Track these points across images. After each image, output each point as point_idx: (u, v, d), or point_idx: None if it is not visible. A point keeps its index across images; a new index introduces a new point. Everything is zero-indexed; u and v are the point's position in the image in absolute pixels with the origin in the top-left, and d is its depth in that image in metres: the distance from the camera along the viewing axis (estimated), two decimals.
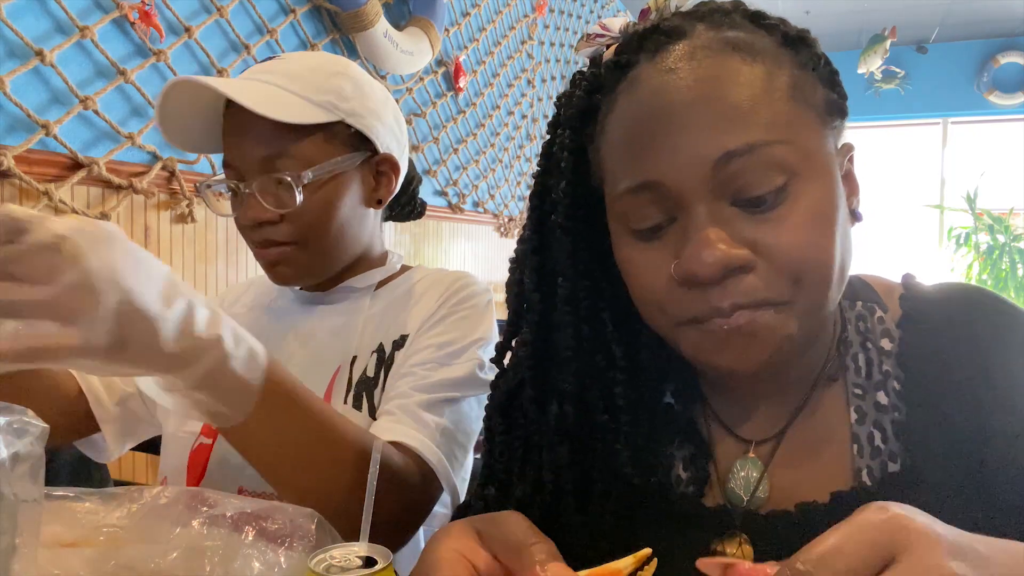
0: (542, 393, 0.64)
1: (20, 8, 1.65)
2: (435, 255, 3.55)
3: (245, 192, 0.88)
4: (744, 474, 0.61)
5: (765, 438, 0.62)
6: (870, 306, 0.64)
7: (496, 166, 3.99)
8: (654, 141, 0.53)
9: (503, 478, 0.66)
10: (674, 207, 0.53)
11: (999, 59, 6.33)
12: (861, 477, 0.57)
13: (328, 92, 0.89)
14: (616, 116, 0.57)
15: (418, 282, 1.00)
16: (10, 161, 1.61)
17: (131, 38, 1.92)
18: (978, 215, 5.78)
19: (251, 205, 0.87)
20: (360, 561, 0.48)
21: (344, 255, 0.94)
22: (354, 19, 2.59)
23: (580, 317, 0.61)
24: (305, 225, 0.88)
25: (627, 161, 0.55)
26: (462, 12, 3.53)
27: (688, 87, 0.52)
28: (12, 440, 0.46)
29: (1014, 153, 6.55)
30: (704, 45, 0.54)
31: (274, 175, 0.86)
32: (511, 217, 4.25)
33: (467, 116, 3.62)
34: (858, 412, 0.60)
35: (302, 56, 0.94)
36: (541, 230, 0.63)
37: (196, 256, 2.14)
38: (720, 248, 0.50)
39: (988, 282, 5.66)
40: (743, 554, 0.58)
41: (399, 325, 0.94)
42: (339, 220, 0.91)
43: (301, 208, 0.86)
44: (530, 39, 4.27)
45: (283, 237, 0.88)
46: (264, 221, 0.88)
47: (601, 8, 5.35)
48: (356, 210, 0.93)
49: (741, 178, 0.51)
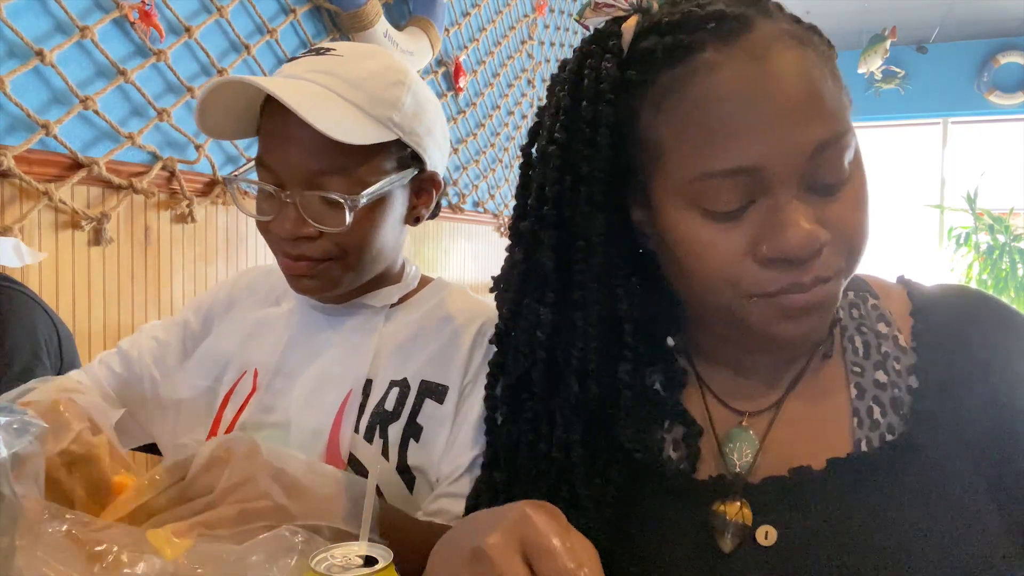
0: (555, 372, 0.64)
1: (20, 8, 1.65)
2: (435, 255, 3.55)
3: (286, 201, 0.81)
4: (739, 442, 0.64)
5: (759, 409, 0.65)
6: (862, 295, 0.69)
7: (496, 166, 3.99)
8: (754, 128, 0.54)
9: (509, 459, 0.67)
10: (759, 191, 0.55)
11: (999, 59, 6.33)
12: (860, 447, 0.61)
13: (388, 106, 0.83)
14: (690, 97, 0.56)
15: (443, 308, 0.94)
16: (10, 161, 1.61)
17: (131, 38, 1.92)
18: (978, 215, 5.78)
19: (291, 217, 0.81)
20: (361, 560, 0.48)
21: (374, 272, 0.90)
22: (354, 19, 2.59)
23: (612, 295, 0.62)
24: (346, 244, 0.83)
25: (714, 145, 0.55)
26: (462, 12, 3.52)
27: (784, 77, 0.55)
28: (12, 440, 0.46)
29: (1014, 153, 6.55)
30: (775, 37, 0.56)
31: (324, 193, 0.80)
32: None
33: (467, 116, 3.62)
34: (858, 388, 0.63)
35: (361, 53, 0.87)
36: (561, 204, 0.62)
37: (196, 256, 2.15)
38: (810, 228, 0.54)
39: (988, 282, 5.65)
40: (743, 517, 0.60)
41: (433, 368, 0.88)
42: (380, 240, 0.86)
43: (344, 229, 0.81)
44: (530, 39, 4.27)
45: (319, 254, 0.83)
46: (302, 236, 0.82)
47: None
48: (396, 228, 0.89)
49: (827, 164, 0.55)
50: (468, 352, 0.89)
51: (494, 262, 4.15)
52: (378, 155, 0.83)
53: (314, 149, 0.79)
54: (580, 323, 0.62)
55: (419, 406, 0.86)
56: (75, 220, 1.79)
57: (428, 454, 0.85)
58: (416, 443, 0.85)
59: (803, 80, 0.55)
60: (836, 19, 5.99)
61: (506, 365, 0.67)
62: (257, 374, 0.92)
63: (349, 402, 0.86)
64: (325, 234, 0.82)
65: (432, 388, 0.87)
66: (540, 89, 4.46)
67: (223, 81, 0.78)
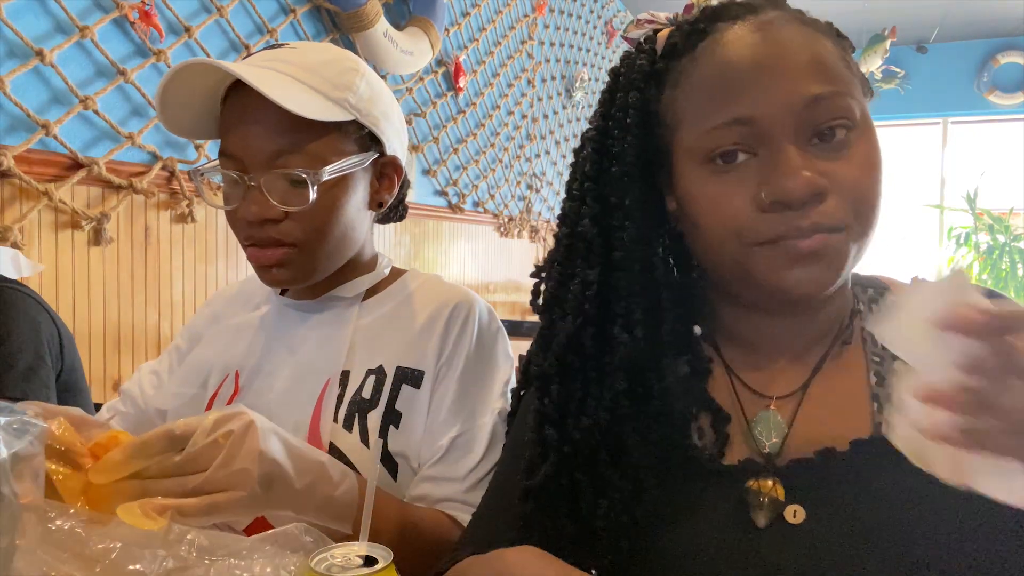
0: (603, 329, 0.69)
1: (20, 8, 1.65)
2: (435, 255, 3.55)
3: (250, 185, 0.83)
4: (767, 426, 0.67)
5: (786, 394, 0.68)
6: (881, 291, 0.73)
7: (496, 166, 3.99)
8: (750, 83, 0.61)
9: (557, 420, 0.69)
10: (759, 142, 0.61)
11: (999, 59, 6.33)
12: (881, 430, 0.63)
13: (344, 89, 0.86)
14: (701, 68, 0.64)
15: (416, 295, 0.96)
16: (10, 161, 1.61)
17: (131, 38, 1.92)
18: (978, 215, 5.78)
19: (256, 200, 0.83)
20: (360, 560, 0.48)
21: (341, 259, 0.92)
22: (354, 19, 2.59)
23: (648, 256, 0.68)
24: (310, 226, 0.85)
25: (718, 101, 0.62)
26: (462, 12, 3.53)
27: (778, 41, 0.62)
28: (12, 440, 0.46)
29: (1014, 153, 6.55)
30: (779, 18, 0.64)
31: (287, 171, 0.82)
32: (511, 217, 4.25)
33: (467, 116, 3.62)
34: (877, 375, 0.67)
35: (314, 47, 0.92)
36: (602, 180, 0.70)
37: (196, 256, 2.15)
38: (807, 175, 0.59)
39: (988, 282, 5.66)
40: (777, 493, 0.63)
41: (408, 353, 0.90)
42: (343, 222, 0.88)
43: (309, 208, 0.83)
44: (530, 39, 4.27)
45: (285, 237, 0.85)
46: (267, 219, 0.84)
47: (601, 8, 5.36)
48: (360, 213, 0.91)
49: (822, 118, 0.60)
50: (442, 335, 0.91)
51: (494, 262, 4.15)
52: (337, 135, 0.86)
53: (274, 128, 0.82)
54: (623, 281, 0.68)
55: (396, 392, 0.88)
56: (75, 220, 1.79)
57: (408, 440, 0.87)
58: (396, 429, 0.87)
59: (800, 45, 0.62)
60: (836, 19, 5.93)
61: (555, 328, 0.71)
62: (238, 375, 0.94)
63: (327, 393, 0.88)
64: (290, 216, 0.84)
65: (408, 374, 0.89)
66: (540, 89, 4.46)
67: (181, 67, 0.80)
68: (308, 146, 0.83)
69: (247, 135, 0.84)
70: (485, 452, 0.88)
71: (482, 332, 0.93)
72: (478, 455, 0.87)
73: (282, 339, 0.95)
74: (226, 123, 0.86)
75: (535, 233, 4.60)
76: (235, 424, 0.63)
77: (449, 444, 0.87)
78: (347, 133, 0.87)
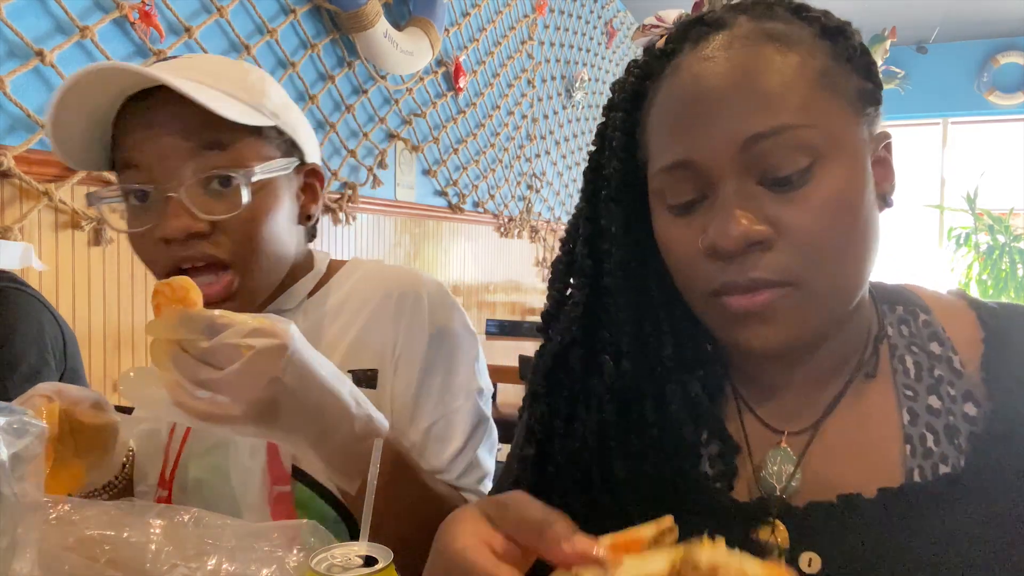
0: (592, 352, 0.67)
1: (20, 8, 1.65)
2: (435, 255, 3.55)
3: (168, 196, 0.74)
4: (777, 465, 0.62)
5: (798, 429, 0.63)
6: (912, 310, 0.66)
7: (496, 166, 3.99)
8: (690, 123, 0.57)
9: (542, 439, 0.68)
10: (706, 185, 0.57)
11: (999, 59, 6.33)
12: (913, 477, 0.58)
13: (259, 94, 0.80)
14: (660, 100, 0.61)
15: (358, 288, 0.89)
16: (10, 161, 1.61)
17: (131, 38, 1.92)
18: (978, 215, 5.78)
19: (177, 212, 0.74)
20: (361, 560, 0.48)
21: (277, 276, 0.84)
22: (354, 19, 2.59)
23: (631, 284, 0.65)
24: (242, 238, 0.77)
25: (666, 141, 0.59)
26: (462, 12, 3.52)
27: (722, 74, 0.56)
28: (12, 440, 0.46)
29: (1014, 153, 6.55)
30: (742, 35, 0.58)
31: (214, 171, 0.74)
32: (511, 217, 4.24)
33: (467, 116, 3.62)
34: (910, 413, 0.60)
35: (211, 58, 0.86)
36: (594, 202, 0.67)
37: None
38: (742, 223, 0.54)
39: (988, 282, 5.66)
40: (778, 540, 0.59)
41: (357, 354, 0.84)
42: (276, 235, 0.80)
43: (240, 217, 0.75)
44: (530, 39, 4.27)
45: (219, 253, 0.76)
46: (194, 233, 0.74)
47: (601, 8, 5.35)
48: (290, 227, 0.84)
49: (768, 159, 0.54)
50: (392, 328, 0.85)
51: (494, 262, 4.15)
52: (258, 139, 0.79)
53: (191, 130, 0.74)
54: (612, 308, 0.65)
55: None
56: (75, 220, 1.79)
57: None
58: None
59: (745, 74, 0.56)
60: None
61: (546, 348, 0.69)
62: None
63: None
64: (219, 228, 0.75)
65: (361, 376, 0.83)
66: (540, 89, 4.46)
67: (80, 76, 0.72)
68: (228, 146, 0.76)
69: (158, 141, 0.74)
70: (467, 437, 0.85)
71: (435, 314, 0.86)
72: (459, 440, 0.84)
73: None
74: (127, 134, 0.76)
75: (535, 233, 4.60)
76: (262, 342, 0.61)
77: (423, 437, 0.83)
78: (269, 138, 0.81)
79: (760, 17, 0.59)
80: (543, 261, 4.76)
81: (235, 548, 0.52)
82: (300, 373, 0.63)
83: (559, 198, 4.90)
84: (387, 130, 3.05)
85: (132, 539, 0.53)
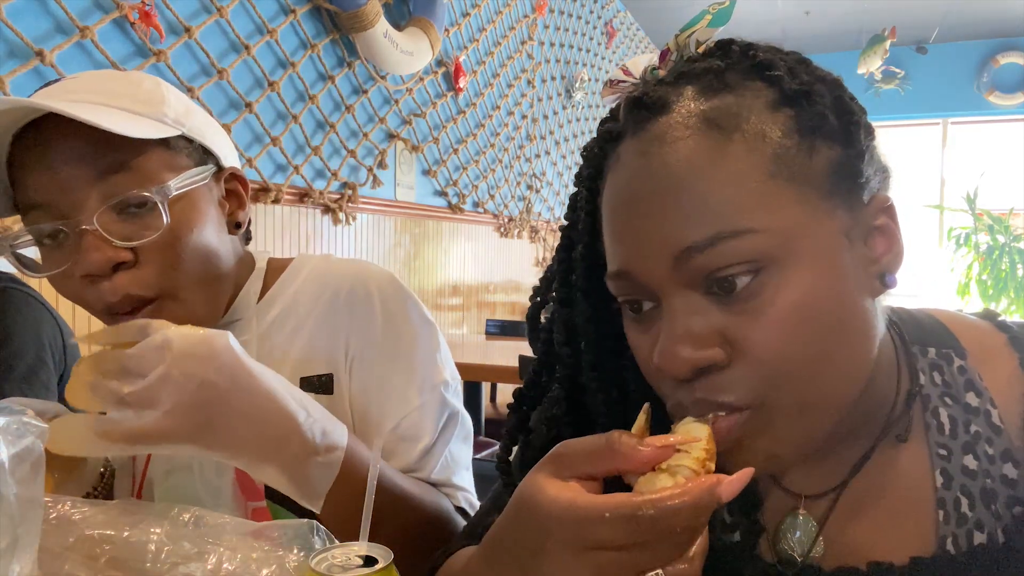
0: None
1: (20, 8, 1.65)
2: (435, 255, 3.55)
3: (81, 230, 0.68)
4: (798, 533, 0.57)
5: (818, 493, 0.58)
6: (946, 352, 0.59)
7: (496, 166, 3.99)
8: (623, 230, 0.52)
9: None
10: (651, 294, 0.51)
11: (999, 59, 6.33)
12: (946, 545, 0.54)
13: (156, 104, 0.73)
14: (607, 193, 0.55)
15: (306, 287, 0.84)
16: None
17: (131, 38, 1.92)
18: (978, 215, 5.78)
19: (94, 245, 0.68)
20: (360, 560, 0.48)
21: (214, 295, 0.78)
22: (354, 19, 2.59)
23: (607, 383, 0.60)
24: (168, 263, 0.71)
25: (609, 244, 0.53)
26: (462, 12, 3.52)
27: (654, 176, 0.50)
28: (12, 440, 0.46)
29: (1014, 153, 6.55)
30: (681, 123, 0.50)
31: (124, 196, 0.69)
32: (511, 217, 4.25)
33: (467, 116, 3.62)
34: (944, 475, 0.55)
35: (99, 74, 0.80)
36: (567, 283, 0.60)
37: None
38: (686, 350, 0.48)
39: (988, 282, 5.66)
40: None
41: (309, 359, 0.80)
42: (205, 250, 0.74)
43: (162, 239, 0.70)
44: (530, 39, 4.27)
45: (145, 287, 0.70)
46: (118, 263, 0.69)
47: (601, 8, 5.36)
48: (220, 238, 0.78)
49: (708, 270, 0.48)
50: (342, 327, 0.81)
51: (494, 262, 4.15)
52: (165, 151, 0.73)
53: (90, 157, 0.68)
54: (591, 405, 0.60)
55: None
56: None
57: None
58: None
59: (678, 176, 0.49)
60: (836, 19, 5.99)
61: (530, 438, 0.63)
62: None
63: None
64: (141, 258, 0.70)
65: (316, 382, 0.80)
66: (540, 89, 4.46)
67: None
68: (136, 164, 0.70)
69: (57, 174, 0.68)
70: (438, 433, 0.81)
71: (387, 308, 0.82)
72: (428, 437, 0.81)
73: None
74: (24, 173, 0.70)
75: (535, 233, 4.60)
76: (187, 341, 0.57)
77: (391, 437, 0.80)
78: (177, 149, 0.75)
79: (707, 90, 0.51)
80: (543, 261, 4.76)
81: (235, 548, 0.52)
82: (233, 374, 0.59)
83: (559, 198, 4.90)
84: (387, 130, 3.05)
85: (132, 539, 0.53)
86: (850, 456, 0.57)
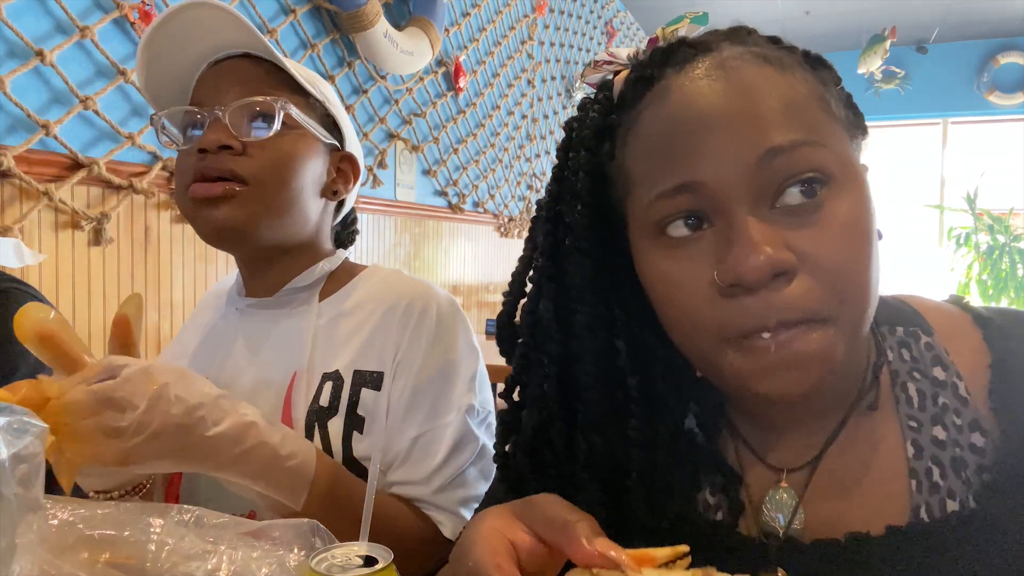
0: (571, 427, 0.62)
1: (20, 8, 1.65)
2: (435, 255, 3.55)
3: (216, 114, 0.84)
4: (778, 505, 0.59)
5: (797, 466, 0.60)
6: (913, 331, 0.61)
7: (496, 166, 3.99)
8: (694, 143, 0.52)
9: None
10: (713, 211, 0.52)
11: (999, 59, 6.33)
12: (920, 514, 0.55)
13: (313, 81, 0.91)
14: (645, 126, 0.56)
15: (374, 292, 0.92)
16: (10, 161, 1.61)
17: (131, 38, 1.92)
18: (978, 215, 5.78)
19: (217, 129, 0.84)
20: (360, 560, 0.48)
21: (288, 226, 0.89)
22: (354, 19, 2.59)
23: (599, 346, 0.60)
24: (267, 164, 0.85)
25: (663, 166, 0.53)
26: (462, 12, 3.53)
27: (726, 90, 0.52)
28: (12, 440, 0.46)
29: (1014, 153, 6.56)
30: (734, 56, 0.54)
31: (254, 98, 0.85)
32: (511, 217, 4.25)
33: (467, 116, 3.62)
34: (915, 446, 0.57)
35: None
36: (555, 256, 0.61)
37: (196, 256, 2.14)
38: (767, 250, 0.49)
39: (988, 282, 5.66)
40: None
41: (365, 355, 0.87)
42: (298, 180, 0.87)
43: (268, 145, 0.85)
44: (530, 39, 4.27)
45: (239, 168, 0.83)
46: (224, 146, 0.83)
47: (601, 8, 5.36)
48: (315, 187, 0.91)
49: (784, 175, 0.50)
50: (397, 332, 0.87)
51: (494, 262, 4.15)
52: (305, 103, 0.90)
53: (249, 78, 0.86)
54: (581, 376, 0.60)
55: (356, 397, 0.85)
56: (75, 220, 1.79)
57: (374, 443, 0.85)
58: (360, 434, 0.84)
59: (756, 89, 0.52)
60: (836, 19, 5.99)
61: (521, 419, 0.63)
62: None
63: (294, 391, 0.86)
64: (249, 151, 0.84)
65: (366, 377, 0.86)
66: (540, 89, 4.46)
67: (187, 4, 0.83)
68: (278, 94, 0.87)
69: (220, 82, 0.87)
70: (449, 453, 0.85)
71: (441, 327, 0.89)
72: (440, 456, 0.84)
73: (242, 339, 0.93)
74: (201, 82, 0.90)
75: None
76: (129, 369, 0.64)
77: (410, 446, 0.85)
78: (314, 108, 0.91)
79: (743, 42, 0.56)
80: None
81: (235, 548, 0.52)
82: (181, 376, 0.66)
83: None
84: (387, 130, 3.05)
85: (132, 539, 0.53)
86: (826, 429, 0.59)
